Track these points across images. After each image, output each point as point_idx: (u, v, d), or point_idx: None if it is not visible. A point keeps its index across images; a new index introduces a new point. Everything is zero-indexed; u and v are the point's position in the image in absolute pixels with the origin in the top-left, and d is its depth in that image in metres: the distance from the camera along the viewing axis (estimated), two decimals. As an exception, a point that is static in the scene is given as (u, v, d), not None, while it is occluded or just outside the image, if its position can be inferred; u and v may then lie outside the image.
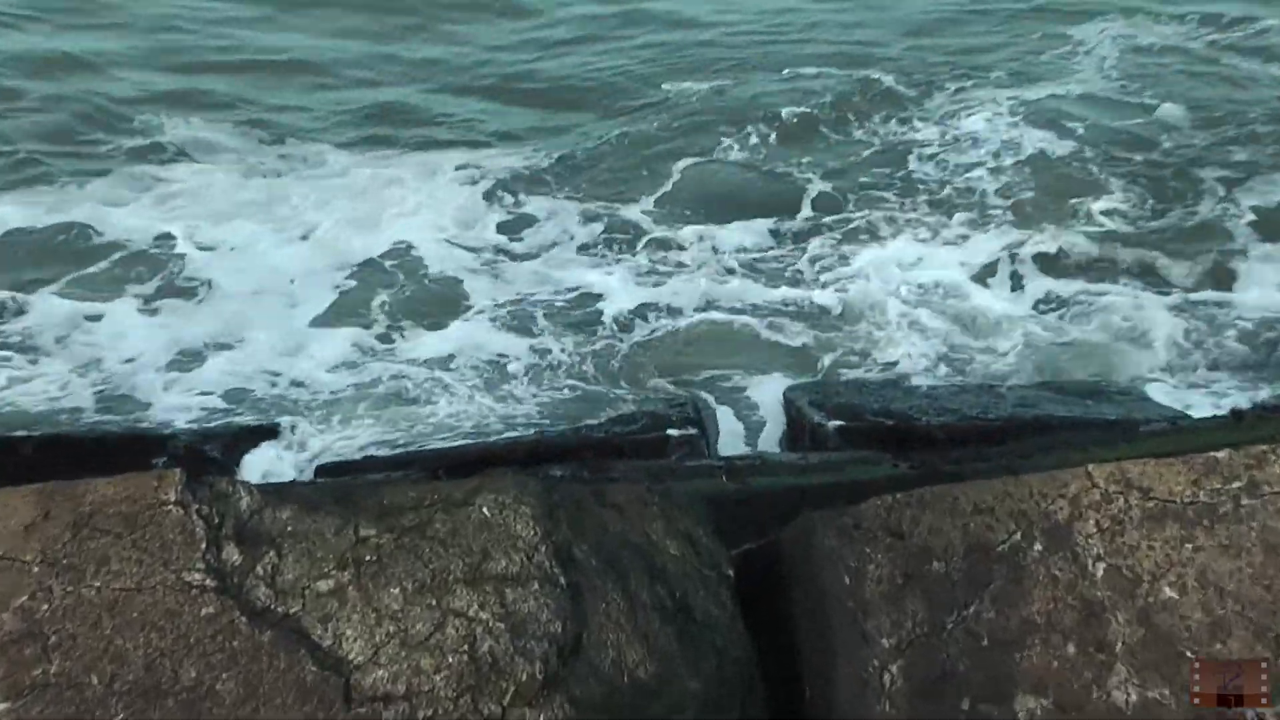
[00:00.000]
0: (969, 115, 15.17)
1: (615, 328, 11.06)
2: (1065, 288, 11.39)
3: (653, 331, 11.00)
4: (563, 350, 10.68)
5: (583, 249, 12.45)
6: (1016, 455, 7.10)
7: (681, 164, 14.22)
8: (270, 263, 12.15)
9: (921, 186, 13.42)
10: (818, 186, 13.55)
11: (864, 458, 7.53)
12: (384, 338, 10.99)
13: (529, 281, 11.84)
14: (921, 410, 8.61)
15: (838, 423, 8.35)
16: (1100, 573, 3.82)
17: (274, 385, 10.17)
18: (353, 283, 11.83)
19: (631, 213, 13.05)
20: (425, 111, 15.84)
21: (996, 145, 14.29)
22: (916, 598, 3.94)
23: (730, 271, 11.88)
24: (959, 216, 12.68)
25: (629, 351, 10.71)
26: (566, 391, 10.17)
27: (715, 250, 12.25)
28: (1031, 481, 4.05)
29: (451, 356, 10.68)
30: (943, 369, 10.17)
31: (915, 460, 7.26)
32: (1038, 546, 3.90)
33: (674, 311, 11.25)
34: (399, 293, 11.70)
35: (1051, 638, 3.77)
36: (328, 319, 11.26)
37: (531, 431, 9.12)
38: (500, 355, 10.64)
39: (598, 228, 12.84)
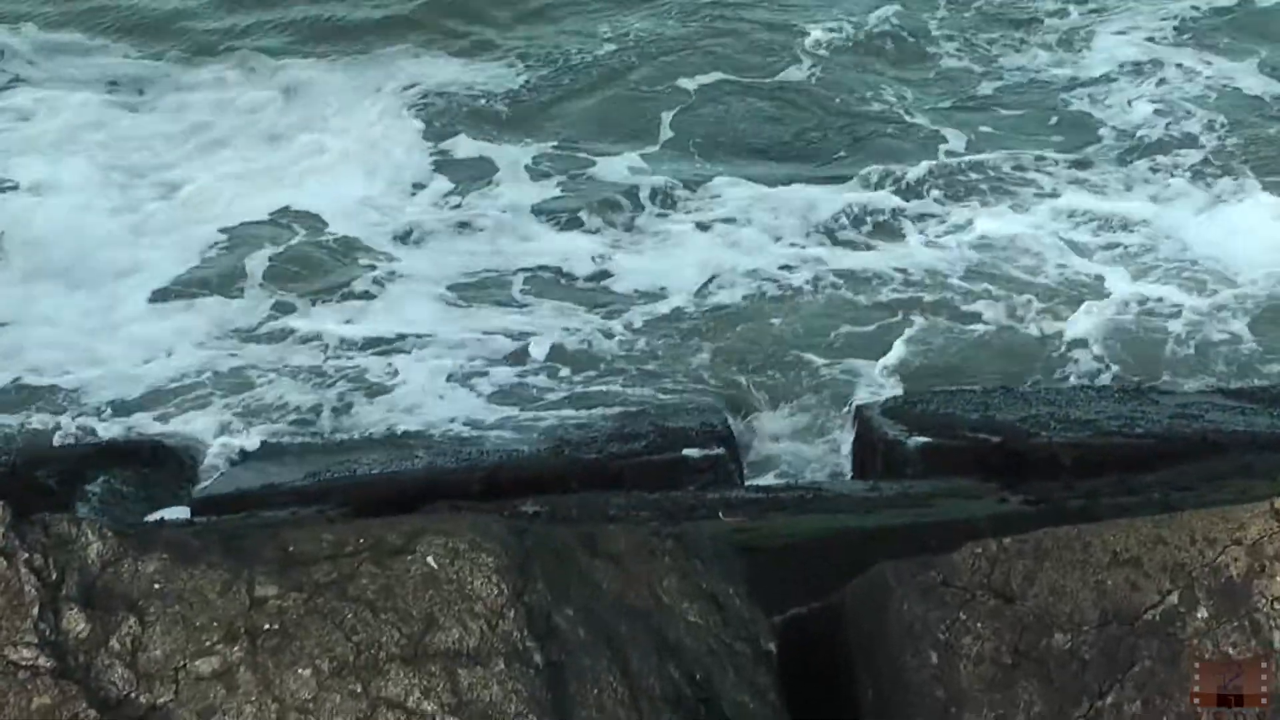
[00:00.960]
0: (1117, 30, 15.03)
1: (611, 310, 11.05)
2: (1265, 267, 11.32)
3: (663, 316, 10.98)
4: (536, 339, 10.66)
5: (565, 209, 12.39)
6: (1174, 486, 7.10)
7: (705, 82, 14.11)
8: (104, 218, 12.13)
9: (1066, 130, 13.32)
10: (919, 123, 13.41)
11: (959, 489, 7.53)
12: (275, 314, 10.97)
13: (488, 253, 11.80)
14: (1040, 422, 8.60)
15: (922, 439, 8.34)
16: (1291, 650, 3.81)
17: (98, 383, 10.13)
18: (226, 245, 11.82)
19: (635, 159, 12.98)
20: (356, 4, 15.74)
21: (1164, 80, 14.13)
22: (1032, 685, 3.93)
23: (778, 238, 11.82)
24: (1111, 171, 12.61)
25: (629, 341, 10.71)
26: (543, 394, 10.17)
27: (754, 209, 12.17)
28: (1194, 522, 4.04)
29: (379, 341, 10.66)
30: (1085, 368, 10.14)
31: (1031, 492, 7.26)
32: (1202, 613, 3.89)
33: (697, 291, 11.21)
34: (295, 258, 11.69)
35: (1221, 741, 3.77)
36: (183, 291, 11.27)
37: (493, 452, 9.12)
38: (447, 342, 10.61)
39: (588, 179, 12.78)
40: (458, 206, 12.50)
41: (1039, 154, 12.87)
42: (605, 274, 11.52)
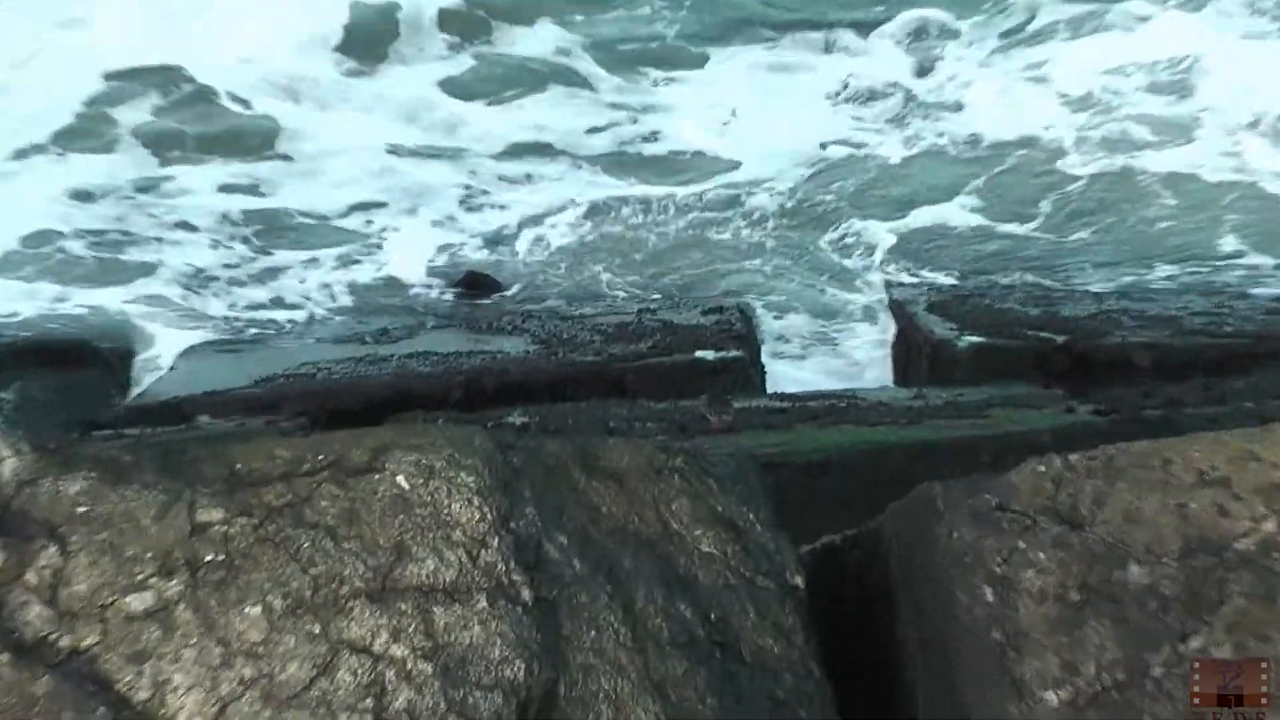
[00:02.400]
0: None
1: (603, 183, 11.05)
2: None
3: (669, 194, 10.97)
4: (506, 219, 10.62)
5: (536, 79, 12.41)
6: (1268, 393, 7.10)
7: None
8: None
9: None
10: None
11: (1017, 396, 7.54)
12: (164, 175, 11.02)
13: (441, 122, 11.79)
14: (1112, 319, 8.61)
15: (975, 338, 8.35)
16: (1405, 585, 3.81)
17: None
18: (124, 94, 11.87)
19: (624, 26, 12.92)
20: None
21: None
22: (1103, 625, 3.94)
23: (786, 112, 11.79)
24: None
25: (629, 220, 10.70)
26: (530, 282, 10.17)
27: (754, 78, 12.15)
28: (1294, 436, 4.04)
29: (282, 212, 10.62)
30: (1164, 249, 10.09)
31: (1102, 401, 7.27)
32: (1303, 542, 3.90)
33: (704, 167, 11.20)
34: (199, 115, 11.74)
35: (1323, 690, 3.78)
36: (62, 145, 11.35)
37: (474, 354, 9.13)
38: (386, 214, 10.56)
39: (562, 49, 12.76)
40: (402, 66, 12.53)
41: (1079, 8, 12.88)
42: (593, 146, 11.53)
